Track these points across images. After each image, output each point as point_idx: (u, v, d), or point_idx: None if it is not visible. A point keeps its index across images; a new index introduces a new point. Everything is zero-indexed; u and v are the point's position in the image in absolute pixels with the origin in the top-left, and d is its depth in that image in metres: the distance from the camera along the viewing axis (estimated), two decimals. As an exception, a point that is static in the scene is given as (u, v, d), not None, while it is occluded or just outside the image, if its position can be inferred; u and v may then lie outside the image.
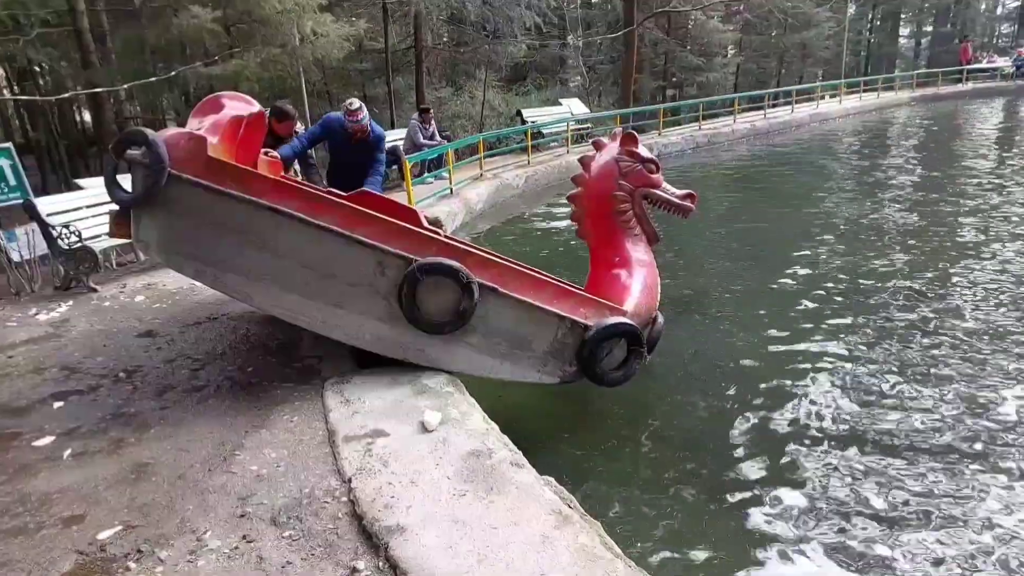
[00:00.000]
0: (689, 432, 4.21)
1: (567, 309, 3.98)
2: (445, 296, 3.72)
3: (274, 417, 3.51)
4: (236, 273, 3.77)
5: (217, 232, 3.68)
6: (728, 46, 27.35)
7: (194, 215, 3.68)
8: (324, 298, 3.78)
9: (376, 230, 3.70)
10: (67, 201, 6.80)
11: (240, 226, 3.66)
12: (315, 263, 3.71)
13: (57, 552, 2.52)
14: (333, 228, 3.64)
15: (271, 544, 2.51)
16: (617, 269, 4.45)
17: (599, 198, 4.56)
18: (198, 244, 3.74)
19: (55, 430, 3.51)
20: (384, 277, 3.73)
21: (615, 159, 4.56)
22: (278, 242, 3.67)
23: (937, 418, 4.19)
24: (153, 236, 3.79)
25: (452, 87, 19.74)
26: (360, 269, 3.72)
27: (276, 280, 3.75)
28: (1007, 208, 9.28)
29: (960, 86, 27.94)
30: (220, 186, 3.60)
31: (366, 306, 3.80)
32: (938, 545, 3.12)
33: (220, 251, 3.72)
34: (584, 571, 2.26)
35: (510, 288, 3.85)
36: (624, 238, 4.55)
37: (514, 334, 3.94)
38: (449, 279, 3.67)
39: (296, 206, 3.64)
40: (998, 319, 5.57)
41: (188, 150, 3.61)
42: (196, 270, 3.82)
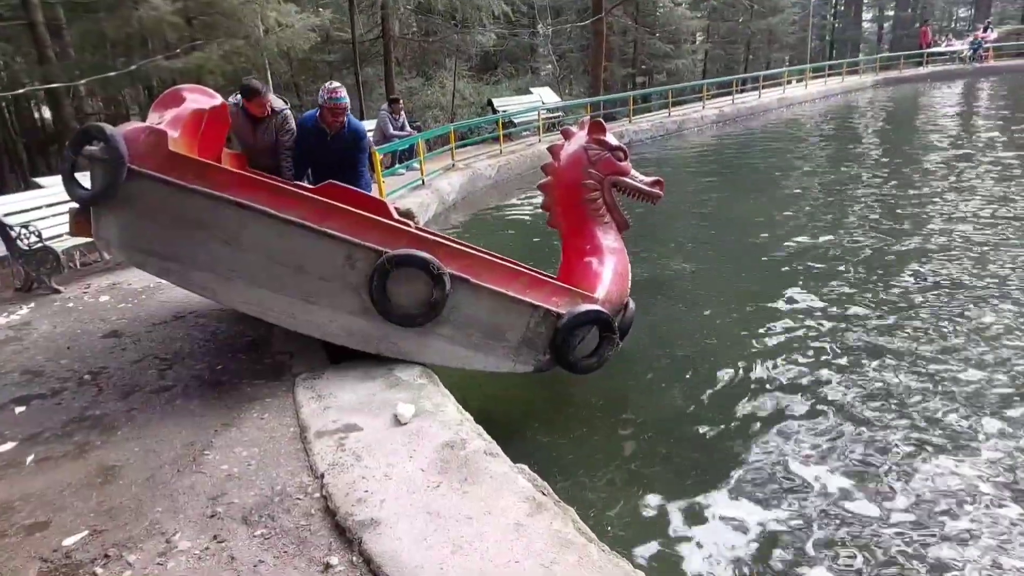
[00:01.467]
0: (662, 417, 4.24)
1: (539, 298, 3.96)
2: (416, 288, 3.67)
3: (244, 415, 3.46)
4: (202, 270, 3.68)
5: (180, 228, 3.58)
6: (696, 33, 27.54)
7: (156, 211, 3.57)
8: (293, 293, 3.71)
9: (345, 223, 3.63)
10: (26, 200, 6.62)
11: (204, 221, 3.56)
12: (283, 257, 3.63)
13: (19, 560, 2.46)
14: (300, 221, 3.56)
15: (243, 543, 2.48)
16: (588, 257, 4.44)
17: (569, 187, 4.55)
18: (161, 241, 3.64)
19: (17, 436, 3.42)
20: (354, 270, 3.67)
21: (583, 147, 4.54)
22: (244, 237, 3.59)
23: (906, 393, 4.27)
24: (114, 233, 3.69)
25: (422, 77, 19.61)
26: (329, 262, 3.65)
27: (243, 275, 3.67)
28: (964, 186, 9.47)
29: (920, 69, 28.40)
30: (182, 181, 3.49)
31: (336, 300, 3.74)
32: (916, 527, 3.19)
33: (184, 247, 3.63)
34: (558, 557, 2.26)
35: (482, 278, 3.81)
36: (594, 226, 4.54)
37: (487, 324, 3.91)
38: (420, 270, 3.63)
39: (261, 200, 3.55)
40: (963, 292, 5.69)
41: (148, 144, 3.51)
42: (160, 267, 3.72)
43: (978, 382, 4.36)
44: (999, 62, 27.91)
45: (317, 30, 13.45)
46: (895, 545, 3.03)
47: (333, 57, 18.12)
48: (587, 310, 4.01)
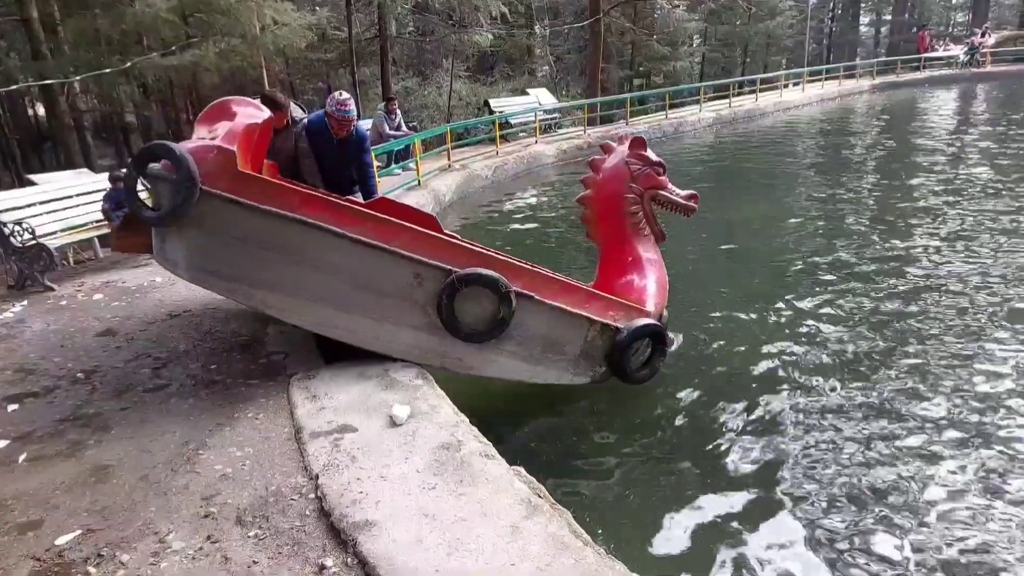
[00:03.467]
0: (658, 420, 4.24)
1: (596, 312, 4.08)
2: (483, 305, 3.74)
3: (239, 415, 3.44)
4: (269, 289, 3.67)
5: (248, 248, 3.56)
6: (693, 35, 27.59)
7: (225, 231, 3.53)
8: (360, 310, 3.73)
9: (411, 241, 3.66)
10: (20, 197, 6.61)
11: (273, 241, 3.55)
12: (350, 275, 3.65)
13: (11, 560, 2.44)
14: (370, 241, 3.58)
15: (237, 544, 2.46)
16: (631, 269, 4.56)
17: (610, 200, 4.62)
18: (229, 261, 3.60)
19: (9, 434, 3.40)
20: (421, 288, 3.70)
21: (625, 162, 4.60)
22: (312, 256, 3.59)
23: (902, 397, 4.28)
24: (182, 254, 3.63)
25: (419, 77, 19.60)
26: (397, 280, 3.68)
27: (311, 294, 3.67)
28: (960, 190, 9.50)
29: (917, 74, 28.50)
30: (252, 201, 3.47)
31: (403, 316, 3.77)
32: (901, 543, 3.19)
33: (252, 267, 3.61)
34: (554, 560, 2.25)
35: (543, 294, 3.89)
36: (635, 238, 4.64)
37: (548, 339, 4.01)
38: (488, 289, 3.69)
39: (329, 219, 3.55)
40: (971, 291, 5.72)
41: (217, 164, 3.45)
42: (227, 287, 3.70)
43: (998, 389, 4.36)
44: (996, 67, 28.02)
45: (313, 29, 13.44)
46: (894, 552, 3.04)
47: (329, 56, 18.10)
48: (645, 324, 4.16)
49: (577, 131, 16.35)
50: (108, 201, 6.82)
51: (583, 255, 7.47)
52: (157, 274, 6.19)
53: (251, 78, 12.84)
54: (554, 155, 14.21)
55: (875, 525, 3.18)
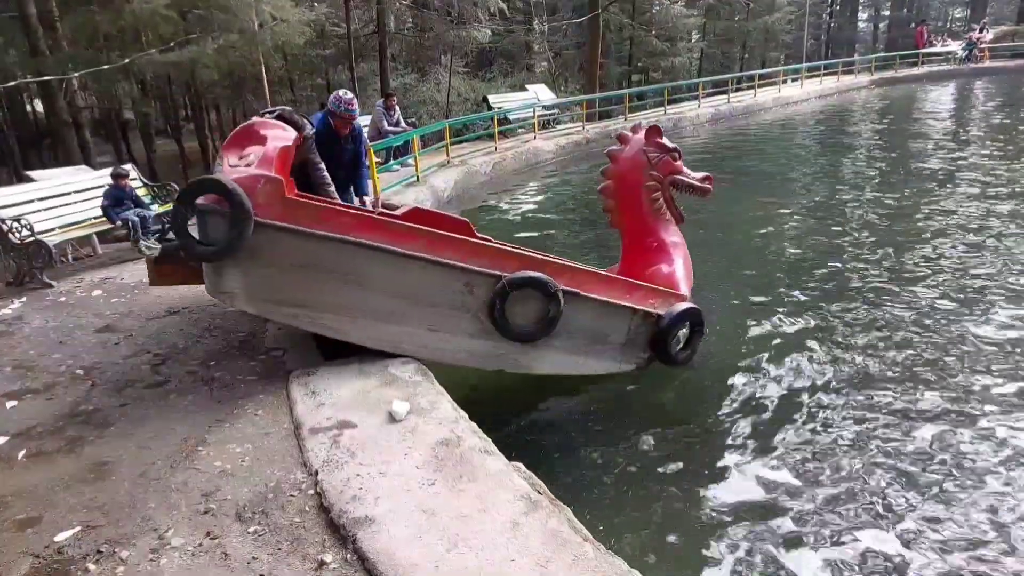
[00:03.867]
0: (657, 416, 4.25)
1: (637, 301, 4.22)
2: (532, 306, 3.87)
3: (238, 411, 3.44)
4: (330, 312, 3.72)
5: (306, 274, 3.60)
6: (692, 31, 27.51)
7: (281, 259, 3.56)
8: (418, 323, 3.83)
9: (460, 251, 3.75)
10: (18, 194, 6.59)
11: (329, 265, 3.60)
12: (406, 291, 3.72)
13: (10, 556, 2.44)
14: (421, 255, 3.65)
15: (236, 540, 2.47)
16: (658, 254, 4.68)
17: (631, 189, 4.72)
18: (288, 288, 3.64)
19: (9, 430, 3.40)
20: (472, 296, 3.80)
21: (643, 150, 4.68)
22: (368, 276, 3.65)
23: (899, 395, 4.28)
24: (239, 286, 3.62)
25: (417, 73, 19.54)
26: (449, 291, 3.78)
27: (370, 313, 3.75)
28: (957, 187, 9.50)
29: (916, 69, 28.46)
30: (304, 227, 3.51)
31: (458, 325, 3.87)
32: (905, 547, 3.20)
33: (311, 292, 3.66)
34: (554, 555, 2.26)
35: (587, 289, 4.02)
36: (658, 224, 4.75)
37: (594, 331, 4.15)
38: (537, 290, 3.80)
39: (380, 237, 3.61)
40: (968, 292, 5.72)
41: (267, 194, 3.46)
42: (288, 315, 3.74)
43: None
44: (994, 63, 27.99)
45: (312, 25, 13.40)
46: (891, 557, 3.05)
47: (328, 52, 18.04)
48: (686, 309, 4.32)
49: (576, 127, 16.33)
50: (107, 198, 6.81)
51: (584, 249, 7.47)
52: (156, 271, 6.19)
53: (250, 73, 12.81)
54: (553, 151, 14.20)
55: (876, 525, 3.19)
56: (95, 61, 10.82)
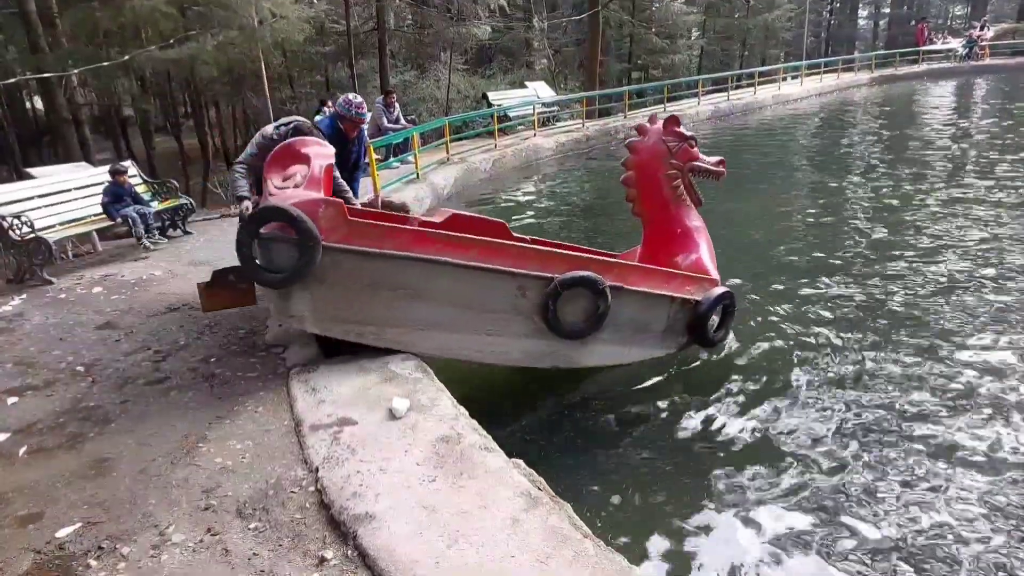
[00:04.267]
0: (658, 413, 4.25)
1: (675, 290, 4.44)
2: (582, 304, 4.04)
3: (239, 408, 3.45)
4: (396, 326, 3.82)
5: (370, 292, 3.69)
6: (692, 28, 27.46)
7: (346, 280, 3.64)
8: (477, 329, 3.96)
9: (513, 257, 3.88)
10: (18, 191, 6.60)
11: (392, 281, 3.70)
12: (464, 299, 3.85)
13: (12, 552, 2.45)
14: (478, 264, 3.77)
15: (237, 536, 2.47)
16: (683, 240, 4.82)
17: (653, 178, 4.84)
18: (354, 307, 3.72)
19: (10, 427, 3.41)
20: (525, 298, 3.95)
21: (662, 140, 4.79)
22: (429, 288, 3.76)
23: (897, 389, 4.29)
24: (308, 309, 3.69)
25: (417, 70, 19.51)
26: (504, 296, 3.91)
27: (433, 324, 3.86)
28: (958, 184, 9.51)
29: (916, 67, 28.44)
30: (368, 247, 3.60)
31: (513, 327, 4.02)
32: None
33: (377, 309, 3.75)
34: (554, 552, 2.26)
35: (630, 283, 4.20)
36: (680, 210, 4.88)
37: (637, 322, 4.37)
38: (587, 288, 3.96)
39: (438, 250, 3.71)
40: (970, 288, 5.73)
41: (330, 217, 3.52)
42: (356, 332, 3.80)
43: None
44: (994, 60, 27.97)
45: (312, 22, 13.38)
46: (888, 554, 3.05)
47: (327, 49, 18.01)
48: (721, 293, 4.57)
49: (576, 124, 16.32)
50: (107, 195, 6.82)
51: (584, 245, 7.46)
52: (156, 268, 6.20)
53: (250, 70, 12.78)
54: (553, 148, 14.19)
55: (877, 523, 3.20)
56: (95, 58, 10.80)
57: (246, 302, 4.29)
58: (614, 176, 12.51)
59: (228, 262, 6.24)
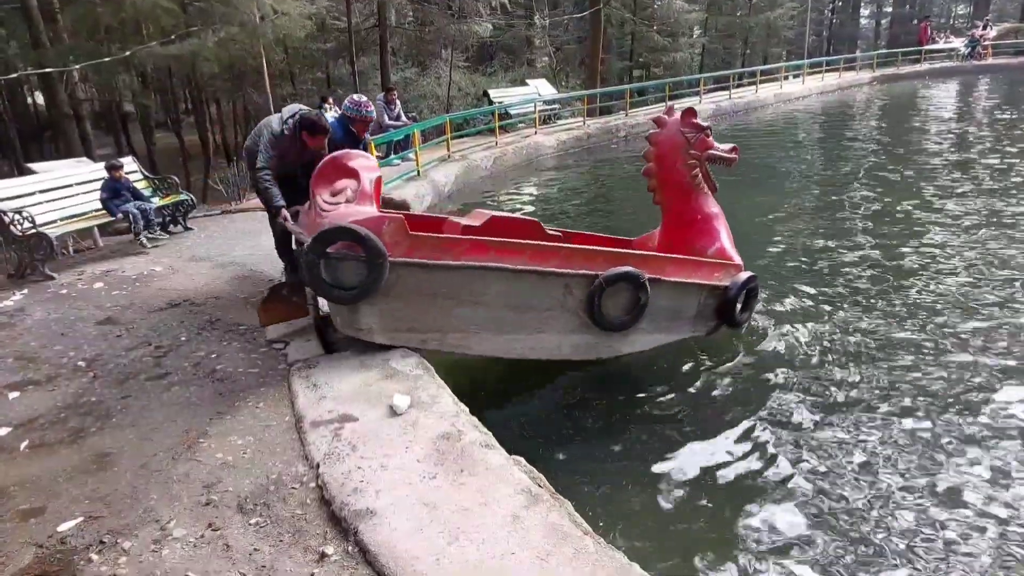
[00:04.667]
0: (658, 410, 4.25)
1: (705, 277, 4.67)
2: (623, 297, 4.26)
3: (239, 404, 3.46)
4: (456, 331, 3.98)
5: (431, 301, 3.84)
6: (694, 26, 27.45)
7: (410, 292, 3.77)
8: (527, 328, 4.13)
9: (559, 258, 4.06)
10: (19, 186, 6.60)
11: (451, 289, 3.84)
12: (516, 301, 4.01)
13: (14, 546, 2.46)
14: (529, 268, 3.94)
15: (238, 531, 2.48)
16: (704, 227, 5.01)
17: (672, 169, 5.02)
18: (417, 317, 3.87)
19: (11, 421, 3.42)
20: (571, 296, 4.13)
21: (680, 132, 4.97)
22: (484, 293, 3.91)
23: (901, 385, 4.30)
24: (375, 322, 3.83)
25: (418, 67, 19.51)
26: (552, 295, 4.09)
27: (488, 326, 4.02)
28: (958, 184, 9.50)
29: (918, 66, 28.41)
30: (429, 259, 3.73)
31: (561, 324, 4.20)
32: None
33: (438, 317, 3.90)
34: (554, 549, 2.27)
35: (666, 274, 4.43)
36: (699, 198, 5.05)
37: (671, 310, 4.61)
38: (629, 283, 4.19)
39: (491, 257, 3.85)
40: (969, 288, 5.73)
41: (393, 234, 3.64)
42: (420, 340, 3.96)
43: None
44: (997, 60, 27.94)
45: (313, 18, 13.38)
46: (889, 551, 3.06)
47: (329, 46, 18.01)
48: (747, 278, 4.81)
49: (576, 122, 16.31)
50: (105, 191, 6.82)
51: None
52: (157, 263, 6.20)
53: (251, 67, 12.79)
54: (553, 146, 14.18)
55: (877, 519, 3.21)
56: (96, 53, 10.80)
57: (299, 315, 4.44)
58: (615, 173, 12.55)
59: (228, 257, 6.28)
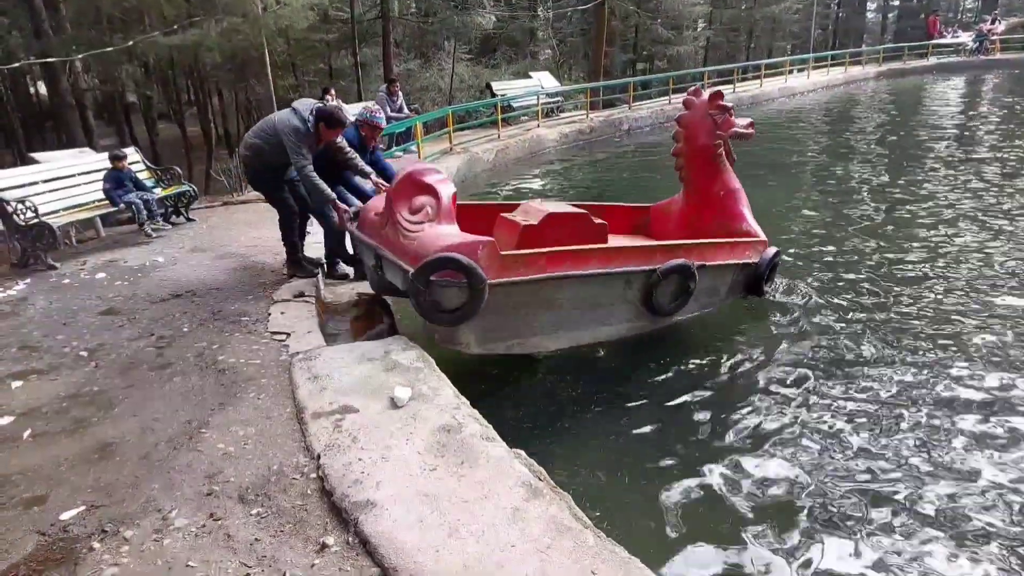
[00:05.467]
0: (659, 405, 4.25)
1: (738, 257, 5.13)
2: (675, 285, 4.70)
3: (241, 394, 3.47)
4: (537, 335, 4.33)
5: (515, 311, 4.14)
6: (698, 19, 27.33)
7: (501, 306, 4.01)
8: (593, 322, 4.53)
9: (622, 258, 4.46)
10: (22, 175, 6.59)
11: (533, 299, 4.17)
12: (586, 300, 4.39)
13: (17, 534, 2.47)
14: (598, 272, 4.31)
15: (239, 522, 2.49)
16: (728, 203, 5.50)
17: (703, 149, 5.45)
18: (508, 327, 4.18)
19: (14, 410, 3.43)
20: (631, 289, 4.56)
21: (709, 114, 5.37)
22: (558, 298, 4.26)
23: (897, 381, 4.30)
24: (473, 337, 4.09)
25: (421, 59, 19.45)
26: (614, 291, 4.50)
27: (563, 326, 4.40)
28: (964, 181, 9.47)
29: (925, 61, 28.27)
30: (517, 276, 4.01)
31: (620, 315, 4.63)
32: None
33: (524, 325, 4.23)
34: (554, 542, 2.28)
35: (709, 259, 4.89)
36: (724, 174, 5.53)
37: (710, 288, 5.08)
38: (681, 274, 4.64)
39: (567, 267, 4.19)
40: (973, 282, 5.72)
41: (487, 257, 3.84)
42: (508, 346, 4.27)
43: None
44: (1005, 55, 27.76)
45: (315, 9, 13.33)
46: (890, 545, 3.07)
47: (331, 37, 17.95)
48: (773, 254, 5.33)
49: (579, 115, 16.27)
50: (108, 181, 6.82)
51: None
52: (159, 254, 6.21)
53: (253, 58, 12.75)
54: (556, 139, 14.16)
55: (877, 512, 3.21)
56: (98, 43, 10.79)
57: (381, 324, 4.60)
58: (617, 166, 12.52)
59: (230, 249, 6.28)
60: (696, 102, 5.46)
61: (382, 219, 4.28)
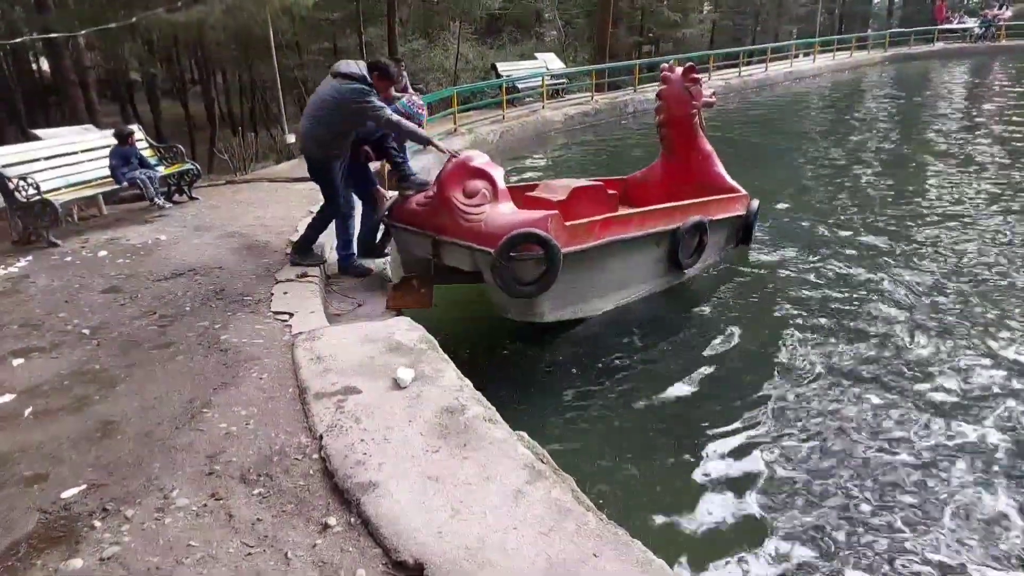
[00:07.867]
0: (662, 388, 4.25)
1: (734, 211, 5.83)
2: (692, 240, 5.34)
3: (243, 374, 3.45)
4: (595, 298, 4.83)
5: (578, 276, 4.55)
6: (704, 2, 27.04)
7: (567, 274, 4.32)
8: (632, 281, 5.09)
9: (655, 220, 5.02)
10: (24, 152, 6.54)
11: (590, 264, 4.60)
12: (627, 261, 4.92)
13: (19, 512, 2.47)
14: (636, 235, 4.83)
15: (241, 502, 2.48)
16: (707, 163, 6.14)
17: (683, 119, 6.10)
18: (571, 293, 4.58)
19: (15, 388, 3.42)
20: (659, 248, 5.16)
21: (684, 87, 6.00)
22: (609, 261, 4.77)
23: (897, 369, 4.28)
24: (547, 306, 4.48)
25: (425, 39, 19.28)
26: (648, 250, 5.08)
27: (611, 287, 4.93)
28: (970, 167, 9.40)
29: (931, 46, 27.97)
30: (581, 244, 4.43)
31: (649, 272, 5.22)
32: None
33: (582, 289, 4.66)
34: (556, 524, 2.27)
35: (714, 214, 5.52)
36: (699, 138, 6.20)
37: (716, 241, 5.67)
38: (698, 230, 5.30)
39: (617, 231, 4.70)
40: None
41: (555, 228, 4.19)
42: (574, 311, 4.71)
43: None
44: (1012, 41, 27.47)
45: (321, -13, 13.19)
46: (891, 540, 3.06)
47: (336, 16, 17.77)
48: (757, 206, 6.05)
49: (584, 96, 16.15)
50: (114, 158, 6.78)
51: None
52: (161, 232, 6.18)
53: (257, 36, 12.63)
54: (561, 120, 14.07)
55: (877, 505, 3.20)
56: (101, 19, 10.67)
57: (423, 304, 4.63)
58: (621, 147, 12.44)
59: (233, 227, 6.25)
60: (672, 77, 6.07)
61: (429, 209, 4.52)
